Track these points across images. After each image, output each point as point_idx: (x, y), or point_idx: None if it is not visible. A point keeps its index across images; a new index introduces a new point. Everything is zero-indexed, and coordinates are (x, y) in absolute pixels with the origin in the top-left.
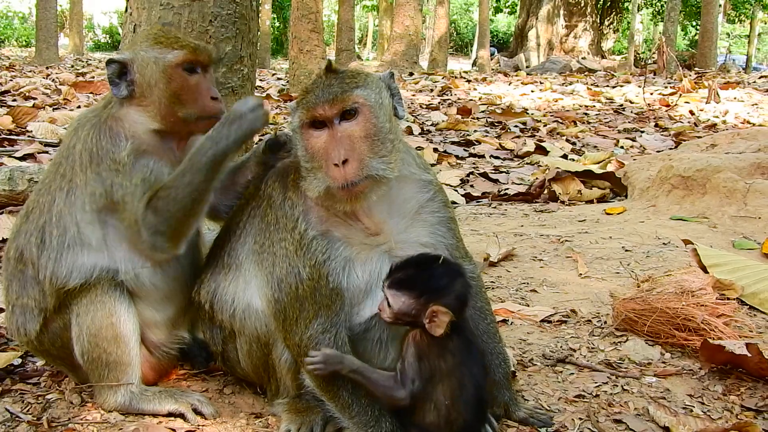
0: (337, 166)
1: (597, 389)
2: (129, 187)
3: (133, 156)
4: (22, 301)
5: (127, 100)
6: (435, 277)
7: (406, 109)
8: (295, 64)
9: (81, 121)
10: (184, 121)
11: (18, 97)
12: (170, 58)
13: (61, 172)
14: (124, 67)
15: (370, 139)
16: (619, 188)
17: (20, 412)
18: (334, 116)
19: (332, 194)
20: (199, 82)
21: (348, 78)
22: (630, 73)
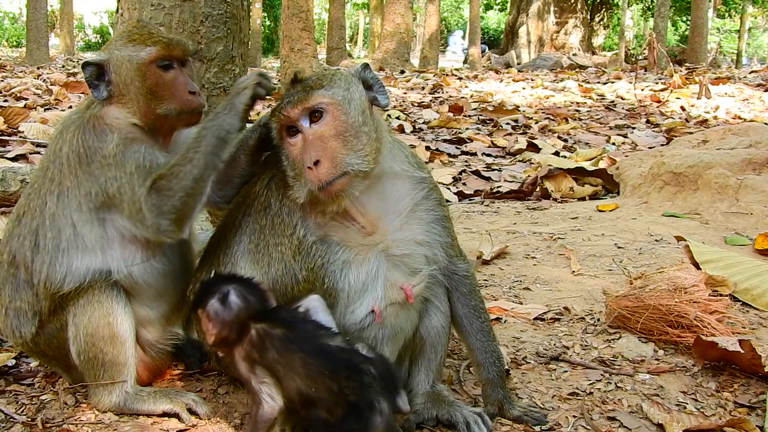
0: (311, 168)
1: (591, 387)
2: (124, 177)
3: (122, 146)
4: (16, 305)
5: (107, 100)
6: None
7: (388, 96)
8: (286, 62)
9: (65, 123)
10: (165, 117)
11: (9, 97)
12: (143, 55)
13: (49, 176)
14: (101, 69)
15: (341, 136)
16: (611, 185)
17: (14, 412)
18: (301, 120)
19: (316, 197)
20: (176, 77)
21: (311, 82)
22: (621, 70)
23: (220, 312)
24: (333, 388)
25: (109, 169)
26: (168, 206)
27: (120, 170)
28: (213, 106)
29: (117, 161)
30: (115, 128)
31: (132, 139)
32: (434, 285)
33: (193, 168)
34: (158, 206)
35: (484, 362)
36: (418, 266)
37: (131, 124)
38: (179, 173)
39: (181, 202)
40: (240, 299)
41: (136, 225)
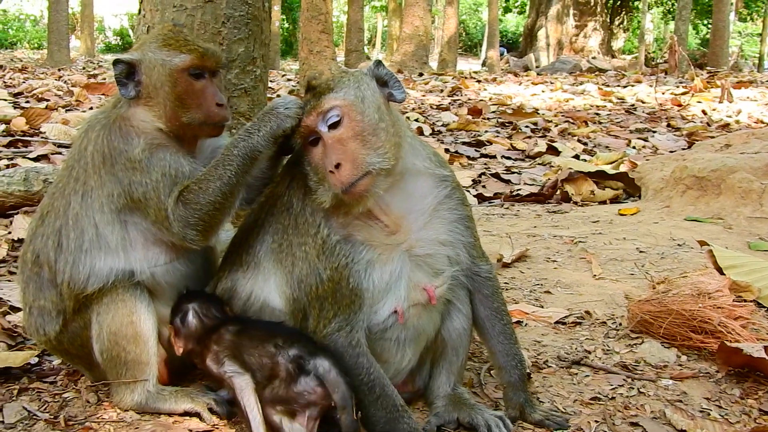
0: (333, 172)
1: (613, 392)
2: (150, 183)
3: (148, 152)
4: (39, 303)
5: (134, 100)
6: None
7: (404, 91)
8: (305, 65)
9: (91, 122)
10: (189, 125)
11: (31, 98)
12: (177, 62)
13: (74, 176)
14: (131, 68)
15: (359, 136)
16: (633, 189)
17: (37, 410)
18: (319, 126)
19: (341, 200)
20: (205, 88)
21: (321, 87)
22: (641, 73)
23: (182, 329)
24: (270, 348)
25: (134, 174)
26: (195, 219)
27: (145, 176)
28: (233, 107)
29: (143, 166)
30: (141, 132)
31: (158, 144)
32: (456, 287)
33: (222, 185)
34: (185, 218)
35: (505, 365)
36: (441, 267)
37: (157, 129)
38: (208, 189)
39: (209, 216)
40: (196, 318)
41: (161, 230)
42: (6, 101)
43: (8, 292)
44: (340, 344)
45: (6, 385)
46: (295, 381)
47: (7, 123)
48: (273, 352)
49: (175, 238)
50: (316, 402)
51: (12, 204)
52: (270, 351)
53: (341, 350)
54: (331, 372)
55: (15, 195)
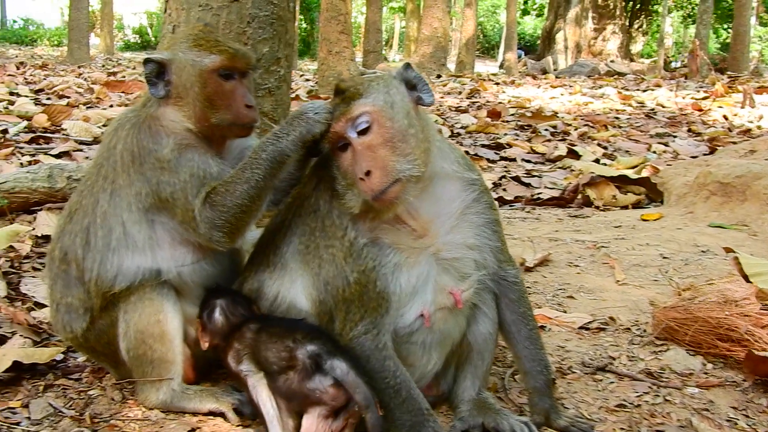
0: (363, 179)
1: (638, 399)
2: (178, 183)
3: (177, 152)
4: (67, 300)
5: (164, 99)
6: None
7: (433, 94)
8: (324, 65)
9: (121, 121)
10: (217, 126)
11: (52, 95)
12: (207, 62)
13: (103, 174)
14: (162, 67)
15: (389, 143)
16: (655, 194)
17: (63, 407)
18: (348, 132)
19: (370, 206)
20: (235, 89)
21: (350, 92)
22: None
23: (208, 324)
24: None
25: (162, 173)
26: (221, 221)
27: (174, 176)
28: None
29: (171, 167)
30: (171, 131)
31: (186, 145)
32: (483, 291)
33: (249, 188)
34: (212, 219)
35: (531, 370)
36: (468, 271)
37: (186, 129)
38: (235, 191)
39: (235, 218)
40: (222, 315)
41: (188, 230)
42: (27, 98)
43: (33, 288)
44: (366, 347)
45: (32, 381)
46: (309, 377)
47: (29, 119)
48: (292, 346)
49: (201, 239)
50: (326, 402)
51: (36, 200)
52: (289, 345)
53: (368, 353)
54: (349, 374)
55: (39, 191)
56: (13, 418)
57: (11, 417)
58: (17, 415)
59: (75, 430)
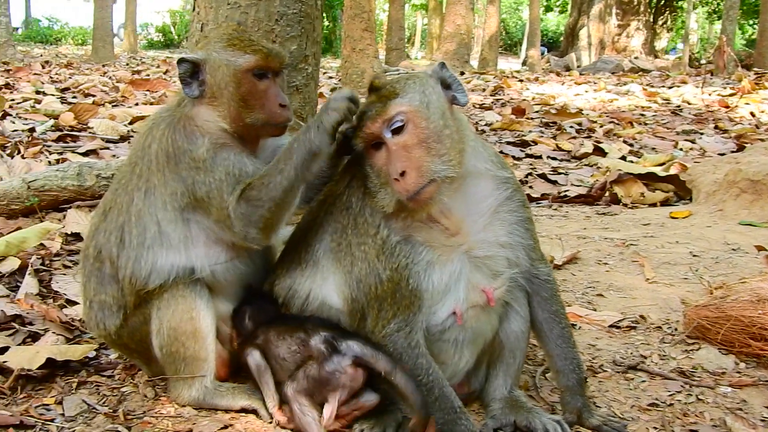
0: (398, 180)
1: (671, 398)
2: (213, 182)
3: (212, 151)
4: (100, 298)
5: (198, 99)
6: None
7: (467, 94)
8: (347, 62)
9: (155, 120)
10: (252, 125)
11: (78, 94)
12: (241, 62)
13: (137, 172)
14: (196, 67)
15: (424, 143)
16: (683, 191)
17: (96, 403)
18: (383, 132)
19: (404, 206)
20: (269, 88)
21: (386, 91)
22: (686, 74)
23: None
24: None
25: (198, 173)
26: (256, 216)
27: (209, 175)
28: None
29: (206, 166)
30: (206, 131)
31: (222, 144)
32: (515, 289)
33: (283, 180)
34: (247, 215)
35: (563, 369)
36: (500, 269)
37: (221, 129)
38: (269, 185)
39: (270, 213)
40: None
41: (223, 229)
42: (53, 96)
43: (64, 286)
44: (399, 345)
45: (65, 377)
46: (328, 360)
47: (56, 118)
48: (303, 337)
49: (236, 237)
50: (345, 384)
51: (65, 198)
52: (300, 337)
53: (400, 351)
54: (366, 347)
55: (68, 189)
56: (48, 414)
57: (45, 413)
58: (51, 411)
59: (109, 427)
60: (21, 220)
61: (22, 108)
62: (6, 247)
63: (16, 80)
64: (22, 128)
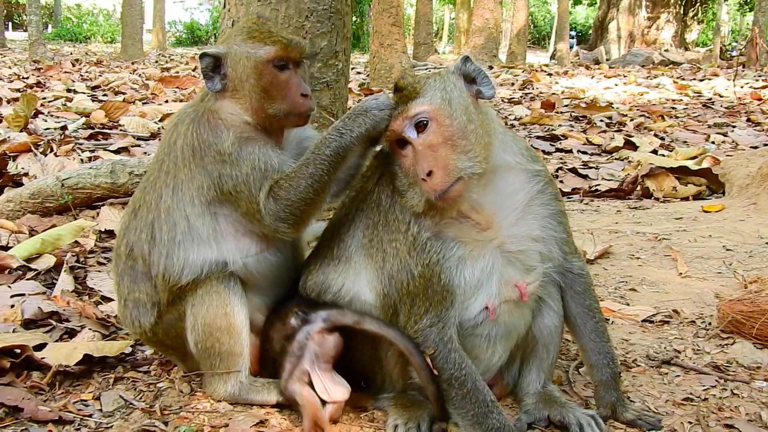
0: (425, 179)
1: (705, 393)
2: (240, 176)
3: (237, 145)
4: (134, 296)
5: (221, 93)
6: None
7: (494, 87)
8: (375, 58)
9: (180, 116)
10: (274, 116)
11: (108, 92)
12: (261, 54)
13: (164, 169)
14: (217, 61)
15: (449, 141)
16: (716, 185)
17: (133, 399)
18: (407, 132)
19: (433, 204)
20: (290, 79)
21: (407, 91)
22: (717, 66)
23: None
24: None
25: (224, 166)
26: (286, 213)
27: (235, 169)
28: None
29: (232, 160)
30: (230, 125)
31: (246, 138)
32: (548, 283)
33: (313, 182)
34: (276, 212)
35: (597, 363)
36: (533, 263)
37: (244, 122)
38: (299, 186)
39: (300, 211)
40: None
41: (252, 222)
42: (84, 94)
43: (99, 282)
44: (432, 340)
45: (102, 373)
46: (298, 331)
47: (87, 116)
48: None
49: (266, 229)
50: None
51: (99, 196)
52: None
53: (432, 346)
54: (331, 310)
55: (102, 187)
56: (86, 410)
57: (83, 409)
58: (89, 407)
59: (146, 422)
60: (55, 218)
61: (53, 106)
62: (41, 245)
63: (47, 79)
64: (54, 126)
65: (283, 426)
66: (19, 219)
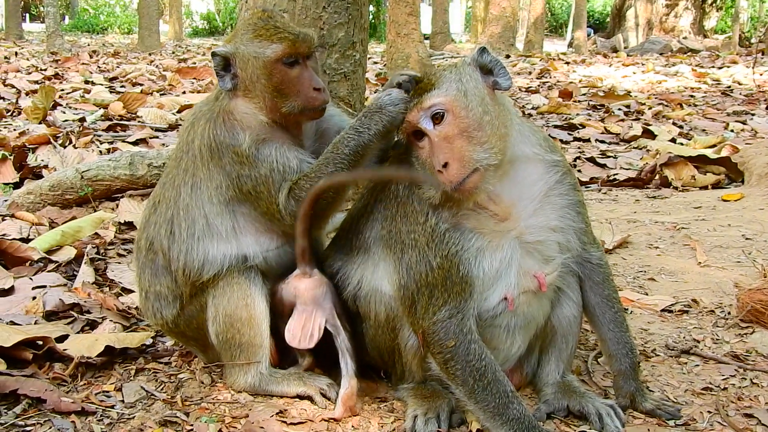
0: (441, 171)
1: (725, 382)
2: (259, 177)
3: (254, 147)
4: (156, 289)
5: (233, 92)
6: None
7: (510, 78)
8: (392, 47)
9: (196, 115)
10: (289, 113)
11: (126, 83)
12: (268, 53)
13: (183, 167)
14: (227, 61)
15: (465, 133)
16: (735, 174)
17: (155, 390)
18: (423, 123)
19: (450, 196)
20: (301, 74)
21: (423, 84)
22: (736, 53)
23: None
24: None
25: (242, 168)
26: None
27: (254, 170)
28: (333, 93)
29: (250, 161)
30: (246, 126)
31: (263, 139)
32: (567, 274)
33: (330, 181)
34: (296, 212)
35: (616, 353)
36: (552, 254)
37: (260, 122)
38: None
39: (321, 210)
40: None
41: (272, 221)
42: (102, 86)
43: (119, 274)
44: (451, 331)
45: (124, 365)
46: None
47: (105, 107)
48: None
49: (286, 228)
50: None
51: (118, 188)
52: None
53: (452, 337)
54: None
55: (121, 179)
56: (108, 401)
57: (106, 400)
58: (111, 398)
59: (167, 413)
60: (75, 210)
61: (71, 98)
62: (62, 237)
63: (64, 70)
64: (72, 118)
65: (303, 416)
66: (39, 211)
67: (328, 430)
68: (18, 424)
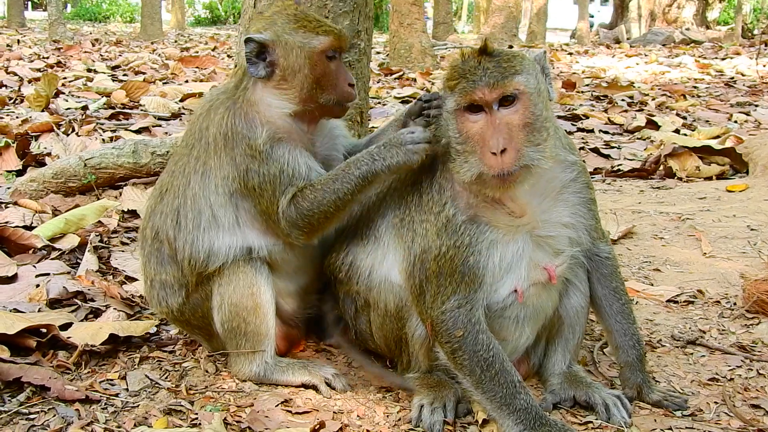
0: (495, 154)
1: (731, 373)
2: (267, 176)
3: (269, 144)
4: (161, 277)
5: (263, 80)
6: None
7: (555, 91)
8: (395, 37)
9: (213, 102)
10: (323, 105)
11: (128, 71)
12: (315, 44)
13: (195, 155)
14: (263, 48)
15: (529, 127)
16: (739, 165)
17: (159, 378)
18: (493, 102)
19: (483, 180)
20: (338, 68)
21: (506, 62)
22: (739, 45)
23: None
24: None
25: (252, 162)
26: (303, 222)
27: (263, 167)
28: None
29: (262, 158)
30: (266, 120)
31: (279, 139)
32: (575, 266)
33: (336, 199)
34: (294, 220)
35: (623, 345)
36: (562, 248)
37: (283, 115)
38: (322, 200)
39: (318, 223)
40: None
41: (268, 222)
42: (105, 74)
43: (122, 262)
44: (460, 321)
45: (128, 353)
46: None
47: (108, 95)
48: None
49: (279, 232)
50: None
51: (121, 176)
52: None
53: (460, 327)
54: None
55: (124, 167)
56: (112, 389)
57: (110, 388)
58: (115, 386)
59: (172, 401)
60: (78, 198)
61: (74, 86)
62: (65, 225)
63: (67, 58)
64: (75, 106)
65: (308, 406)
66: (42, 199)
67: (334, 419)
68: (22, 411)
